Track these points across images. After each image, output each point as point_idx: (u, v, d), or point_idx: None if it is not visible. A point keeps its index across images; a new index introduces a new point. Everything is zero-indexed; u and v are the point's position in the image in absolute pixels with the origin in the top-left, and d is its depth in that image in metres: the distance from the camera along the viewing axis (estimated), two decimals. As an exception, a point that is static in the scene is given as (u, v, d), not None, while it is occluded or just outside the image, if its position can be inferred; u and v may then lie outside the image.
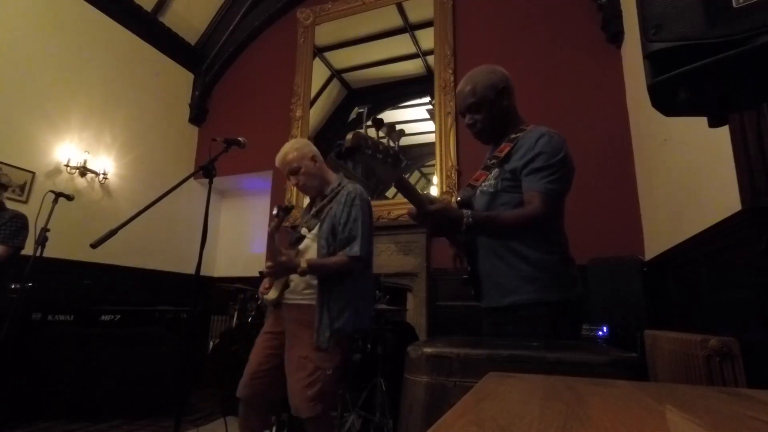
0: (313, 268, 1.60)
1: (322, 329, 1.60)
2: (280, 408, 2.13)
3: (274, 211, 1.65)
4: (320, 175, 1.82)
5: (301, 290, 1.69)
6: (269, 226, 1.60)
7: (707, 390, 0.60)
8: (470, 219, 1.12)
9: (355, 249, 1.64)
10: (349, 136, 0.93)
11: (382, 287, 2.79)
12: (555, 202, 1.21)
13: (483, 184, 1.34)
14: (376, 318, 2.58)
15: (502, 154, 1.29)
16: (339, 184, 1.80)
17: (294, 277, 1.71)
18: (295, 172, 1.77)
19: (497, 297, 1.29)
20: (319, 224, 1.72)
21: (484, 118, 1.33)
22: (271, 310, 1.79)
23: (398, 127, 4.57)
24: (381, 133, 4.21)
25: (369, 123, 4.44)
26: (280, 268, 1.59)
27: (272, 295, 1.72)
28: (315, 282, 1.66)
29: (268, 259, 1.65)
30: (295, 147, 1.81)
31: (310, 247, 1.73)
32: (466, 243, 1.40)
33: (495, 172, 1.31)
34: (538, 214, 1.17)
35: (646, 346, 2.26)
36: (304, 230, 1.79)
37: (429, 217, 1.11)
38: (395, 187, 1.07)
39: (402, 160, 1.03)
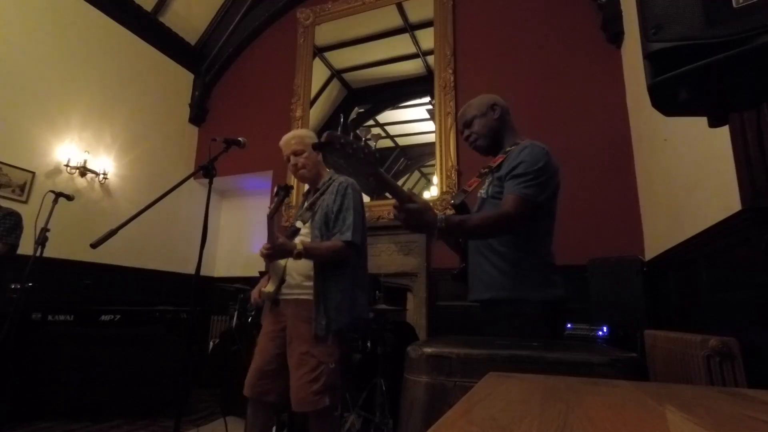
0: (308, 251, 1.61)
1: (319, 318, 1.61)
2: (281, 408, 2.13)
3: (275, 191, 1.66)
4: (318, 166, 1.88)
5: (299, 284, 1.69)
6: (269, 208, 1.60)
7: (707, 390, 0.60)
8: (443, 224, 1.18)
9: (347, 234, 1.67)
10: (325, 134, 1.03)
11: (381, 287, 2.79)
12: (528, 205, 1.27)
13: (480, 190, 1.49)
14: (376, 318, 2.58)
15: (495, 164, 1.43)
16: (330, 178, 1.85)
17: (291, 271, 1.71)
18: (297, 153, 1.82)
19: (480, 291, 1.42)
20: (312, 216, 1.75)
21: (478, 129, 1.49)
22: (268, 308, 1.79)
23: (375, 131, 4.69)
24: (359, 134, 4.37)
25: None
26: (277, 250, 1.58)
27: (269, 288, 1.71)
28: (312, 273, 1.67)
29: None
30: (302, 134, 1.89)
31: (306, 241, 1.74)
32: (457, 243, 1.53)
33: (488, 179, 1.46)
34: (509, 215, 1.25)
35: (646, 346, 2.26)
36: (299, 223, 1.81)
37: (405, 214, 1.18)
38: (375, 181, 1.15)
39: (376, 158, 1.12)
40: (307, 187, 1.97)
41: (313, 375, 1.57)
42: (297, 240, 1.74)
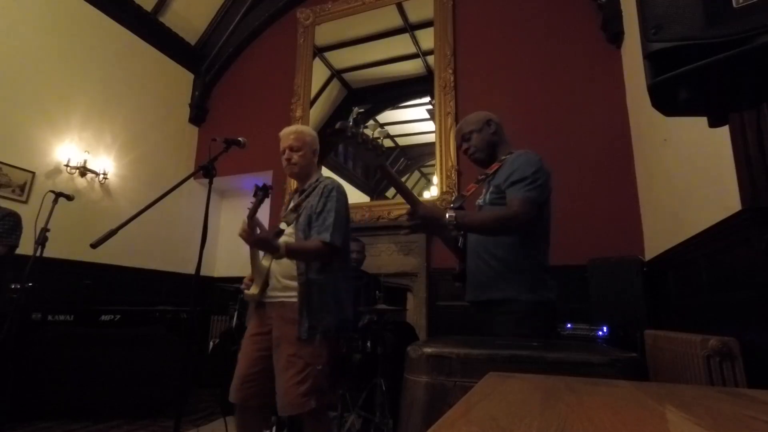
0: (290, 251, 1.60)
1: (302, 321, 1.60)
2: (274, 410, 2.13)
3: (253, 191, 1.64)
4: (310, 167, 1.87)
5: (284, 286, 1.68)
6: (248, 209, 1.59)
7: (707, 390, 0.60)
8: (453, 214, 1.33)
9: (325, 235, 1.65)
10: (338, 123, 1.12)
11: (381, 287, 2.79)
12: (533, 206, 1.37)
13: (478, 199, 1.61)
14: (376, 318, 2.58)
15: (491, 172, 1.54)
16: (317, 180, 1.83)
17: (275, 274, 1.70)
18: (295, 149, 1.81)
19: (478, 293, 1.50)
20: (296, 217, 1.75)
21: (476, 143, 1.60)
22: (253, 311, 1.77)
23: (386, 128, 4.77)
24: (368, 131, 4.55)
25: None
26: (257, 240, 1.56)
27: (254, 290, 1.70)
28: (296, 275, 1.66)
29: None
30: (305, 132, 1.88)
31: (288, 241, 1.73)
32: (456, 247, 1.63)
33: (485, 187, 1.57)
34: (516, 215, 1.35)
35: (646, 346, 2.26)
36: (283, 225, 1.80)
37: (420, 218, 1.33)
38: (379, 173, 1.28)
39: (382, 150, 1.23)
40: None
41: (300, 377, 1.55)
42: (281, 240, 1.74)
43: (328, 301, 1.66)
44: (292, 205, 1.85)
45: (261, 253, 1.74)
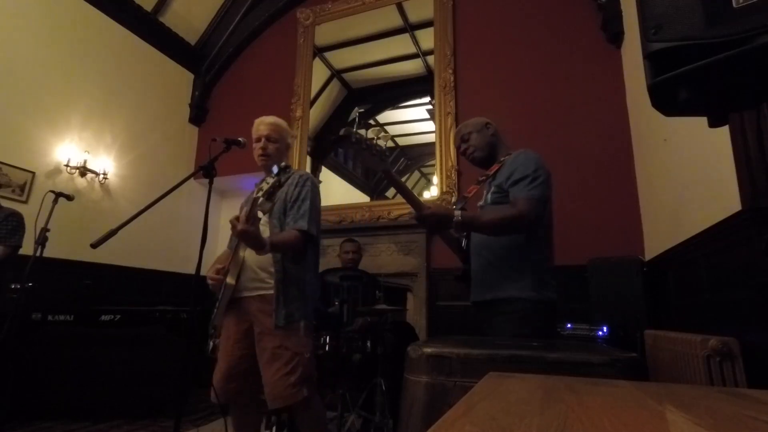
0: (274, 246, 1.59)
1: (279, 309, 1.61)
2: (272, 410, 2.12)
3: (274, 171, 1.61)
4: (281, 159, 1.89)
5: (262, 279, 1.68)
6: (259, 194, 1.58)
7: (707, 390, 0.60)
8: (458, 219, 1.35)
9: (301, 223, 1.67)
10: (343, 129, 1.23)
11: (381, 287, 2.79)
12: (538, 204, 1.39)
13: (479, 202, 1.63)
14: (370, 319, 2.59)
15: (491, 173, 1.57)
16: (290, 171, 1.84)
17: (251, 265, 1.69)
18: (272, 140, 1.84)
19: (482, 292, 1.51)
20: (271, 206, 1.73)
21: (475, 143, 1.64)
22: (224, 309, 1.72)
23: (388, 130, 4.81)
24: (371, 134, 4.63)
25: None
26: (245, 232, 1.48)
27: (230, 280, 1.69)
28: (272, 262, 1.66)
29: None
30: (282, 126, 1.92)
31: (264, 231, 1.72)
32: (460, 247, 1.65)
33: (486, 188, 1.60)
34: (521, 214, 1.36)
35: (646, 346, 2.26)
36: (259, 213, 1.79)
37: (428, 216, 1.36)
38: (385, 177, 1.31)
39: (386, 157, 1.24)
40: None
41: (288, 367, 1.55)
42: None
43: (302, 290, 1.68)
44: (264, 192, 1.83)
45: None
